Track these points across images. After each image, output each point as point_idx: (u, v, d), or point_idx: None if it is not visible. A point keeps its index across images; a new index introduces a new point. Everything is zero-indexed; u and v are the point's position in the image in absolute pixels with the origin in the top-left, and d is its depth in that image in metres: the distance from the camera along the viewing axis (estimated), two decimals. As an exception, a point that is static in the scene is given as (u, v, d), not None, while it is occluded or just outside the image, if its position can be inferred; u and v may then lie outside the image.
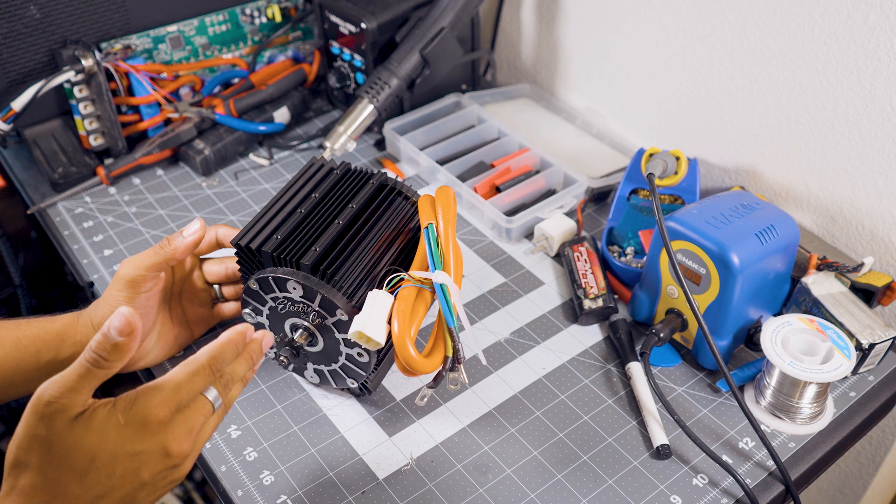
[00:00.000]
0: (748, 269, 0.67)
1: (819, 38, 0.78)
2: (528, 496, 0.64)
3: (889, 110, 0.75)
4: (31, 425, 0.47)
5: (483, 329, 0.78)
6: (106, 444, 0.48)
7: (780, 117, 0.85)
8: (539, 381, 0.73)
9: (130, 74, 0.94)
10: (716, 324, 0.70)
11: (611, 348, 0.76)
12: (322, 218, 0.67)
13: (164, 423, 0.49)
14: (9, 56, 0.91)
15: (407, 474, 0.65)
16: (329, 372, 0.68)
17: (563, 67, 1.09)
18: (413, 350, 0.60)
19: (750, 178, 0.91)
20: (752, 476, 0.65)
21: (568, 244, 0.85)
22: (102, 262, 0.84)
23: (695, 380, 0.73)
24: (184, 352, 0.74)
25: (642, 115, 1.00)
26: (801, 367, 0.65)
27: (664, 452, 0.66)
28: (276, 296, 0.64)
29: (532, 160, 0.96)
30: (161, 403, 0.49)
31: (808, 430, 0.68)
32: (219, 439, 0.67)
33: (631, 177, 0.89)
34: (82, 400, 0.48)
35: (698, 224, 0.69)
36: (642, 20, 0.94)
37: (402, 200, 0.71)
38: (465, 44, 1.04)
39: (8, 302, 1.31)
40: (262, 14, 1.07)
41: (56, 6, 0.91)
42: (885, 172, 0.78)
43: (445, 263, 0.64)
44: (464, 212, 0.92)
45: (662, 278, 0.73)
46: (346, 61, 1.02)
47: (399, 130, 0.99)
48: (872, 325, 0.71)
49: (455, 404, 0.71)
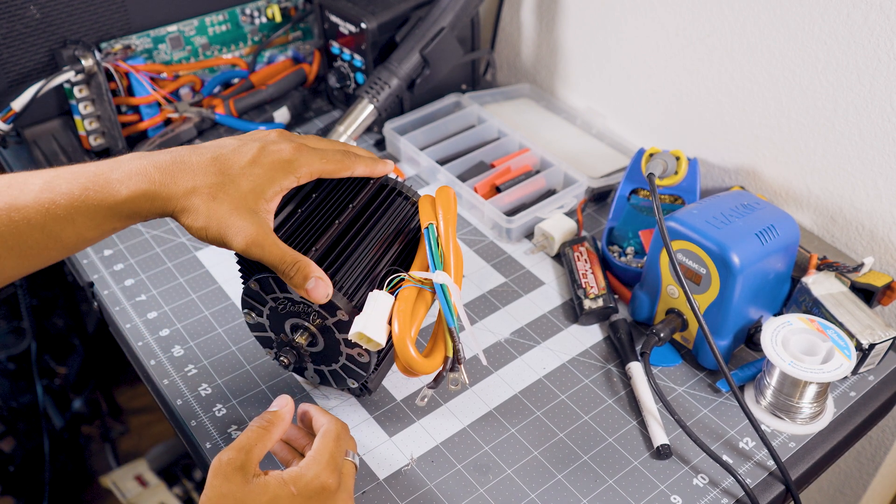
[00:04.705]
0: (748, 269, 0.67)
1: (819, 38, 0.78)
2: (528, 496, 0.64)
3: (889, 110, 0.75)
4: (215, 486, 0.52)
5: (483, 329, 0.78)
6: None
7: (780, 117, 0.85)
8: (539, 381, 0.73)
9: (130, 74, 0.94)
10: (716, 324, 0.70)
11: (611, 348, 0.76)
12: (322, 218, 0.67)
13: (333, 490, 0.55)
14: (9, 56, 0.91)
15: (407, 474, 0.65)
16: (329, 372, 0.68)
17: (563, 67, 1.09)
18: (413, 350, 0.60)
19: (750, 178, 0.91)
20: (753, 476, 0.65)
21: (568, 244, 0.85)
22: (102, 262, 0.84)
23: (695, 380, 0.73)
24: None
25: (642, 115, 1.00)
26: (802, 367, 0.65)
27: (664, 452, 0.66)
28: (276, 296, 0.64)
29: (532, 160, 0.96)
30: (327, 472, 0.55)
31: (809, 430, 0.68)
32: (219, 439, 0.68)
33: (631, 177, 0.89)
34: (255, 460, 0.54)
35: (698, 224, 0.69)
36: (642, 20, 0.94)
37: (402, 201, 0.71)
38: (465, 44, 1.04)
39: (8, 302, 1.31)
40: (262, 14, 1.07)
41: (56, 6, 0.91)
42: (885, 172, 0.78)
43: (446, 264, 0.64)
44: (464, 212, 0.92)
45: (662, 278, 0.73)
46: (346, 61, 1.02)
47: (399, 130, 0.99)
48: (872, 325, 0.71)
49: (455, 404, 0.71)
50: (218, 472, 0.53)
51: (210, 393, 0.71)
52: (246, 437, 0.55)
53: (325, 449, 0.57)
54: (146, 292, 0.81)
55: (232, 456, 0.53)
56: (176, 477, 1.41)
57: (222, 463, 0.53)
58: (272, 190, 0.59)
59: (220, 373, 0.73)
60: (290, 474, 0.54)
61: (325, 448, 0.57)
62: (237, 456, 0.54)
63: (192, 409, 0.70)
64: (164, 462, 1.42)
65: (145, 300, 0.80)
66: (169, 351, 0.75)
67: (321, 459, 0.56)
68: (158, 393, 0.72)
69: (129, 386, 1.59)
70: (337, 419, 0.60)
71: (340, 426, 0.59)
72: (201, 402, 0.71)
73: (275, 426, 0.57)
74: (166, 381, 0.73)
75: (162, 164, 0.57)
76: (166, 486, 1.39)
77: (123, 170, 0.56)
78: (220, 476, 0.53)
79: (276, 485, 0.53)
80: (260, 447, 0.55)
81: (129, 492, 1.37)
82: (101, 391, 1.52)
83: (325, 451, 0.56)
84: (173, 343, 0.76)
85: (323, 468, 0.55)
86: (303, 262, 0.58)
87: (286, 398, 0.60)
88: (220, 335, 0.77)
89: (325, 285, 0.58)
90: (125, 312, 0.79)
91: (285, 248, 0.58)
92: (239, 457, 0.53)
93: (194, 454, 0.69)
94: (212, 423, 0.69)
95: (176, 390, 0.72)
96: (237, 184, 0.57)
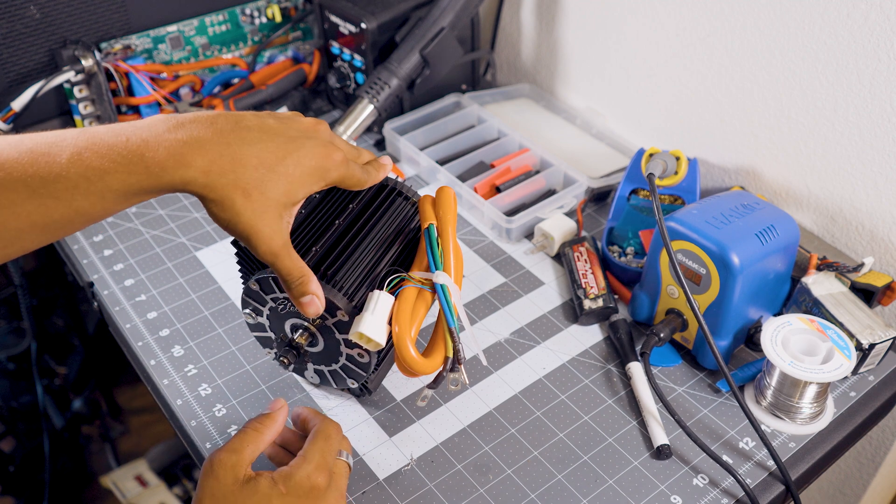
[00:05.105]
0: (748, 269, 0.67)
1: (819, 38, 0.78)
2: (528, 496, 0.64)
3: (889, 110, 0.75)
4: (206, 486, 0.53)
5: (483, 329, 0.78)
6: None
7: (780, 117, 0.85)
8: (539, 382, 0.73)
9: (130, 74, 0.94)
10: (716, 324, 0.70)
11: (611, 348, 0.76)
12: (322, 219, 0.67)
13: (323, 489, 0.55)
14: (9, 56, 0.91)
15: (407, 474, 0.65)
16: (329, 372, 0.68)
17: (563, 67, 1.09)
18: (413, 350, 0.60)
19: (750, 178, 0.91)
20: (753, 476, 0.65)
21: (568, 244, 0.85)
22: (102, 262, 0.84)
23: (695, 380, 0.73)
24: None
25: (642, 115, 1.00)
26: (802, 367, 0.65)
27: (664, 452, 0.66)
28: (276, 296, 0.64)
29: (532, 160, 0.96)
30: (317, 471, 0.55)
31: (809, 430, 0.68)
32: (219, 439, 0.68)
33: (631, 177, 0.89)
34: (246, 461, 0.55)
35: (698, 224, 0.69)
36: (642, 20, 0.94)
37: (402, 201, 0.71)
38: (465, 44, 1.04)
39: (8, 302, 1.31)
40: (262, 14, 1.07)
41: (56, 6, 0.91)
42: (885, 172, 0.78)
43: (446, 264, 0.64)
44: (464, 212, 0.92)
45: (662, 278, 0.73)
46: (346, 61, 1.02)
47: (399, 130, 0.99)
48: (872, 325, 0.71)
49: (455, 404, 0.71)
50: (209, 472, 0.53)
51: (210, 393, 0.71)
52: (238, 439, 0.56)
53: (314, 448, 0.57)
54: (146, 292, 0.81)
55: (223, 456, 0.54)
56: (176, 477, 1.41)
57: (213, 463, 0.54)
58: (303, 193, 0.57)
59: (219, 373, 0.73)
60: (280, 474, 0.55)
61: (314, 448, 0.57)
62: (228, 457, 0.54)
63: (192, 409, 0.70)
64: (164, 462, 1.42)
65: (145, 300, 0.80)
66: (169, 351, 0.75)
67: (311, 459, 0.56)
68: (158, 393, 0.72)
69: (129, 386, 1.59)
70: (329, 420, 0.60)
71: (332, 426, 0.59)
72: (201, 402, 0.71)
73: (267, 428, 0.57)
74: (166, 381, 0.73)
75: (205, 145, 0.52)
76: (166, 486, 1.39)
77: (162, 147, 0.51)
78: (210, 476, 0.53)
79: (266, 485, 0.53)
80: (252, 448, 0.55)
81: (129, 492, 1.37)
82: (101, 391, 1.52)
83: (315, 450, 0.57)
84: (173, 343, 0.76)
85: (313, 468, 0.55)
86: (306, 278, 0.58)
87: (280, 401, 0.60)
88: (220, 335, 0.77)
89: (319, 303, 0.58)
90: (125, 312, 0.79)
91: (296, 261, 0.57)
92: (230, 458, 0.54)
93: (194, 454, 0.69)
94: (212, 423, 0.69)
95: (176, 390, 0.72)
96: (274, 184, 0.54)
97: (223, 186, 0.53)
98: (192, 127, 0.53)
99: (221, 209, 0.53)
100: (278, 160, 0.55)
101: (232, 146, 0.53)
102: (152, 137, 0.51)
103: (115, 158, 0.50)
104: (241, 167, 0.53)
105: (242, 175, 0.53)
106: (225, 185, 0.53)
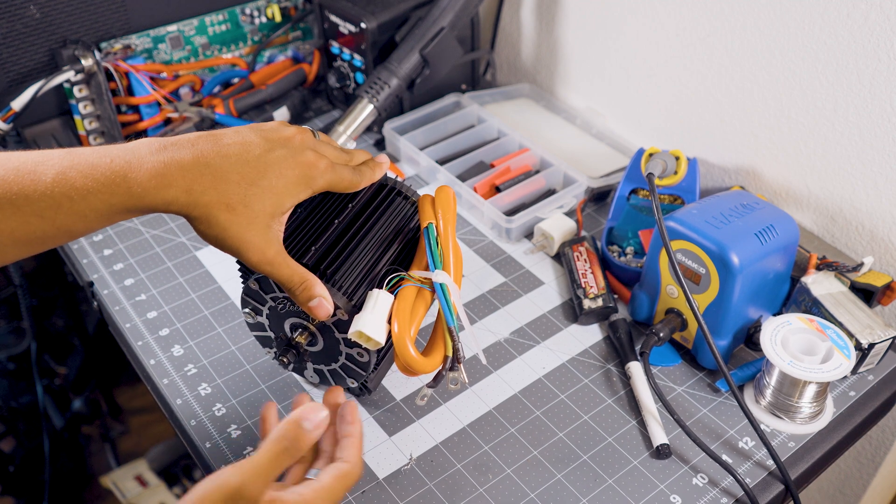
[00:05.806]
0: (748, 268, 0.67)
1: (819, 38, 0.78)
2: (528, 496, 0.64)
3: (889, 110, 0.75)
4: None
5: (483, 329, 0.78)
6: None
7: (780, 117, 0.85)
8: (539, 381, 0.73)
9: (130, 74, 0.94)
10: (716, 323, 0.70)
11: (611, 348, 0.76)
12: (321, 218, 0.67)
13: None
14: (9, 56, 0.91)
15: (407, 474, 0.65)
16: (329, 371, 0.68)
17: (563, 67, 1.09)
18: (413, 350, 0.60)
19: (750, 178, 0.91)
20: (752, 475, 0.65)
21: (568, 244, 0.85)
22: (102, 262, 0.84)
23: (694, 379, 0.73)
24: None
25: (642, 115, 1.00)
26: (801, 366, 0.65)
27: (664, 452, 0.66)
28: (276, 296, 0.64)
29: (532, 160, 0.96)
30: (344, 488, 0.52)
31: (808, 430, 0.68)
32: (219, 439, 0.68)
33: (631, 177, 0.89)
34: (268, 489, 0.48)
35: (698, 224, 0.69)
36: (642, 20, 0.94)
37: (401, 200, 0.71)
38: (465, 44, 1.04)
39: (8, 302, 1.31)
40: (262, 14, 1.07)
41: (56, 6, 0.91)
42: (885, 172, 0.78)
43: (445, 263, 0.64)
44: (464, 212, 0.92)
45: (662, 278, 0.73)
46: (345, 61, 1.02)
47: (399, 130, 0.99)
48: (872, 324, 0.71)
49: (455, 404, 0.71)
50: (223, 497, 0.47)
51: (210, 392, 0.71)
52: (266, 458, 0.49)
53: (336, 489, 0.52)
54: (146, 292, 0.81)
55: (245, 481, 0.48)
56: (176, 477, 1.41)
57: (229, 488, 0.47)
58: (290, 202, 0.57)
59: (219, 372, 0.73)
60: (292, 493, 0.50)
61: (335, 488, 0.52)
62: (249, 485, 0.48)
63: (192, 409, 0.70)
64: (164, 462, 1.42)
65: (145, 300, 0.80)
66: (169, 350, 0.75)
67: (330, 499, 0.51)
68: (158, 392, 0.73)
69: (129, 386, 1.59)
70: (360, 459, 0.55)
71: (359, 473, 0.54)
72: (201, 401, 0.71)
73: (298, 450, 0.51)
74: (166, 380, 0.73)
75: (185, 166, 0.53)
76: (166, 486, 1.39)
77: (144, 169, 0.52)
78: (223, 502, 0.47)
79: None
80: (275, 475, 0.49)
81: (129, 492, 1.37)
82: (101, 391, 1.52)
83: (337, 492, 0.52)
84: (173, 343, 0.76)
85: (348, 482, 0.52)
86: (309, 282, 0.58)
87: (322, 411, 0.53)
88: (220, 335, 0.77)
89: (328, 304, 0.59)
90: (125, 312, 0.79)
91: (294, 267, 0.58)
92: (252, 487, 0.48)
93: (194, 454, 0.69)
94: (211, 422, 0.69)
95: (176, 390, 0.72)
96: (259, 198, 0.55)
97: (205, 204, 0.54)
98: (174, 149, 0.54)
99: (208, 226, 0.54)
100: (260, 174, 0.56)
101: (212, 165, 0.54)
102: (135, 159, 0.52)
103: (98, 178, 0.51)
104: (224, 183, 0.54)
105: (225, 191, 0.54)
106: (207, 203, 0.54)
